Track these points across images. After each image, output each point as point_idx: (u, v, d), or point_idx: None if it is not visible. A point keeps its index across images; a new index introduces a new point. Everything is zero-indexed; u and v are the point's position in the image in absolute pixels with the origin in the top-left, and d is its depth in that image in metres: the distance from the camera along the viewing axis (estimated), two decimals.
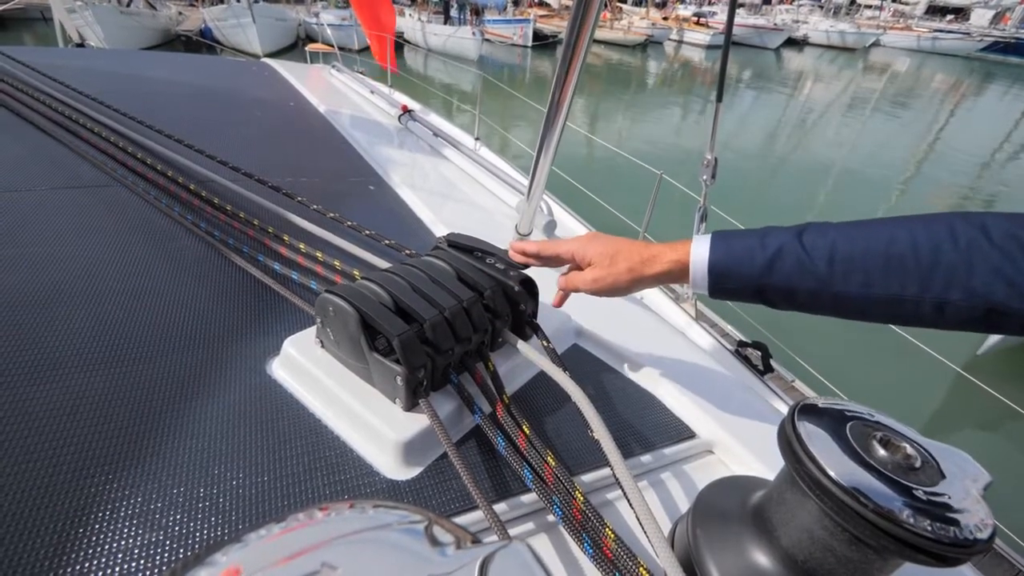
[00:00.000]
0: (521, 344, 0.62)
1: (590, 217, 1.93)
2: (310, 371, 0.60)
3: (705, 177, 1.75)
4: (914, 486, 0.32)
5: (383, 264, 0.80)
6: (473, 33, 15.14)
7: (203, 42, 12.97)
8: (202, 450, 0.52)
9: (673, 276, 0.51)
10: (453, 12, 17.41)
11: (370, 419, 0.54)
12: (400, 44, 13.81)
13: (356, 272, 0.78)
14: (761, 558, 0.39)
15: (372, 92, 2.13)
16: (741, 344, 0.99)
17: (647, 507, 0.43)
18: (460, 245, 0.68)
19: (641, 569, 0.42)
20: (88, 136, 1.17)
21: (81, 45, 3.84)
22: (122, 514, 0.45)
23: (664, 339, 0.86)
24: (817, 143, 9.99)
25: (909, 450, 0.34)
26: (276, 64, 2.50)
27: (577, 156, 6.86)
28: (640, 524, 0.43)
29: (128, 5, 13.30)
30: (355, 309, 0.54)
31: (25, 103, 1.31)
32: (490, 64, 15.03)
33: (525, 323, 0.66)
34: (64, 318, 0.66)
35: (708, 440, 0.65)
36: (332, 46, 4.90)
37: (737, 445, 0.63)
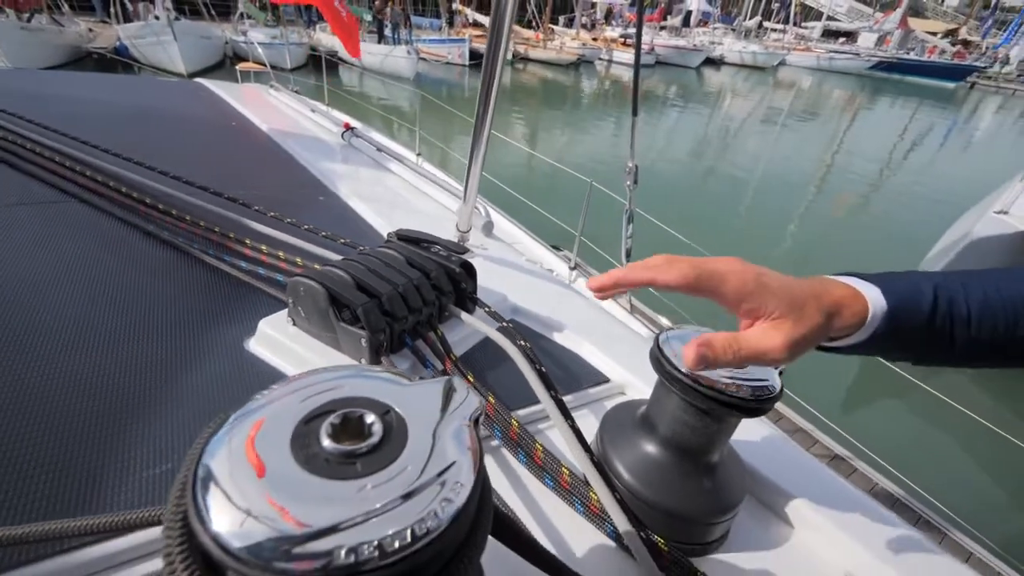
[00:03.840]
0: (464, 315, 0.74)
1: (528, 223, 2.04)
2: (285, 344, 0.70)
3: (629, 182, 1.92)
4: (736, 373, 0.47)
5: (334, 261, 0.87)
6: (408, 52, 15.22)
7: (119, 60, 12.21)
8: (191, 418, 0.58)
9: (850, 330, 0.40)
10: (387, 31, 17.43)
11: None
12: (334, 63, 13.62)
13: (317, 266, 0.83)
14: (648, 446, 0.53)
15: (313, 111, 2.15)
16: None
17: (568, 427, 0.53)
18: (408, 237, 0.81)
19: (563, 469, 0.55)
20: (30, 156, 1.15)
21: None
22: (120, 484, 0.50)
23: (591, 315, 0.98)
24: (738, 152, 10.83)
25: None
26: (210, 84, 2.46)
27: (517, 169, 7.06)
28: (564, 442, 0.53)
29: (29, 20, 12.31)
30: (323, 287, 0.64)
31: None
32: (428, 82, 15.14)
33: (467, 298, 0.78)
34: (44, 314, 0.70)
35: (619, 383, 0.79)
36: (264, 64, 4.80)
37: (643, 385, 0.76)
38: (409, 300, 0.68)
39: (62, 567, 0.42)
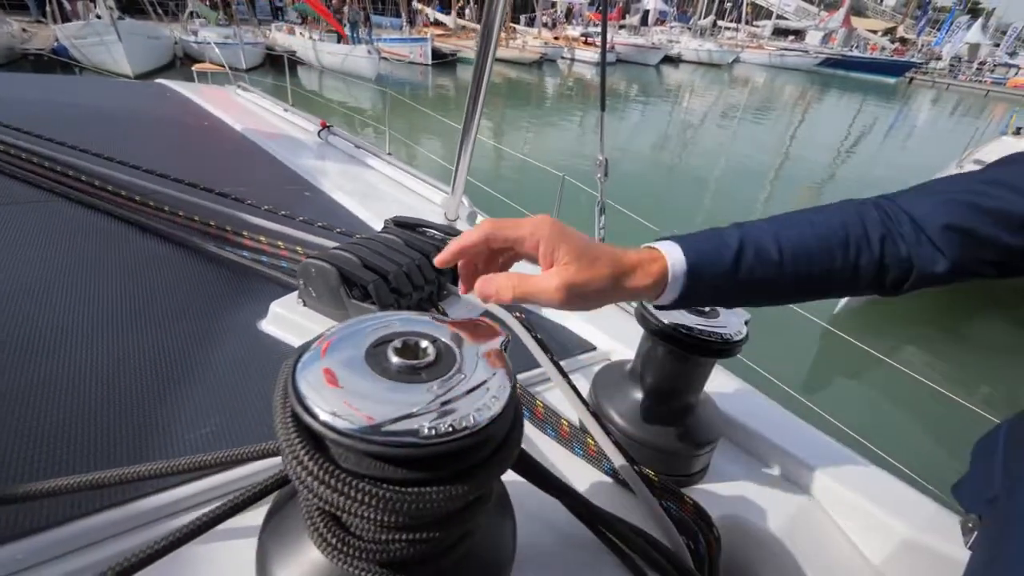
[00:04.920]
0: (462, 292, 0.77)
1: (501, 216, 2.08)
2: (296, 322, 0.74)
3: (599, 175, 2.00)
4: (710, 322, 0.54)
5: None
6: (369, 52, 15.00)
7: (58, 60, 11.56)
8: (221, 387, 0.63)
9: (647, 291, 0.43)
10: (347, 31, 17.12)
11: None
12: (293, 63, 13.32)
13: (310, 255, 0.86)
14: (636, 393, 0.60)
15: (285, 110, 2.14)
16: None
17: (567, 384, 0.57)
18: (403, 223, 0.85)
19: (563, 421, 0.60)
20: (8, 159, 1.13)
21: None
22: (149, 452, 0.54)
23: None
24: (699, 147, 11.19)
25: None
26: (175, 85, 2.40)
27: (487, 165, 7.11)
28: (563, 398, 0.58)
29: None
30: (335, 267, 0.68)
31: None
32: (390, 82, 14.98)
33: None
34: (59, 304, 0.73)
35: (605, 350, 0.85)
36: (222, 65, 4.66)
37: (625, 350, 0.83)
38: (413, 278, 0.73)
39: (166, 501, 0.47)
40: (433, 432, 0.25)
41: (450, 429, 0.26)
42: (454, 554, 0.32)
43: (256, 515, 0.39)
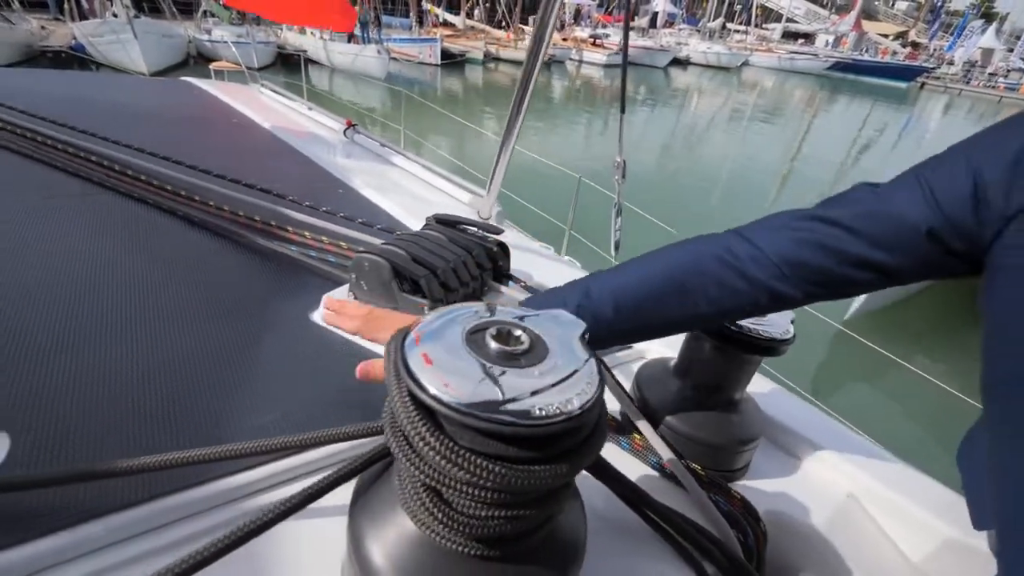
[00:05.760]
0: (504, 289, 0.79)
1: (517, 219, 2.10)
2: None
3: (617, 177, 2.00)
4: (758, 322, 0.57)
5: (380, 243, 0.92)
6: (379, 52, 15.08)
7: (75, 57, 11.72)
8: (282, 375, 0.66)
9: None
10: (357, 31, 17.22)
11: None
12: (305, 62, 13.42)
13: (362, 250, 0.89)
14: (682, 389, 0.62)
15: (310, 108, 2.17)
16: None
17: (613, 380, 0.60)
18: (445, 221, 0.87)
19: (608, 415, 0.61)
20: (56, 155, 1.17)
21: None
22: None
23: None
24: (707, 150, 11.16)
25: None
26: (201, 83, 2.44)
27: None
28: (608, 393, 0.59)
29: None
30: (388, 262, 0.70)
31: None
32: (400, 82, 15.05)
33: (503, 275, 0.83)
34: (120, 293, 0.76)
35: (640, 348, 0.87)
36: (239, 64, 4.72)
37: (661, 348, 0.84)
38: (459, 274, 0.76)
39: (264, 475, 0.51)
40: (544, 413, 0.27)
41: (558, 411, 0.27)
42: (541, 532, 0.34)
43: (334, 495, 0.41)
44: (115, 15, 12.39)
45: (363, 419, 0.61)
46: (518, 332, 0.33)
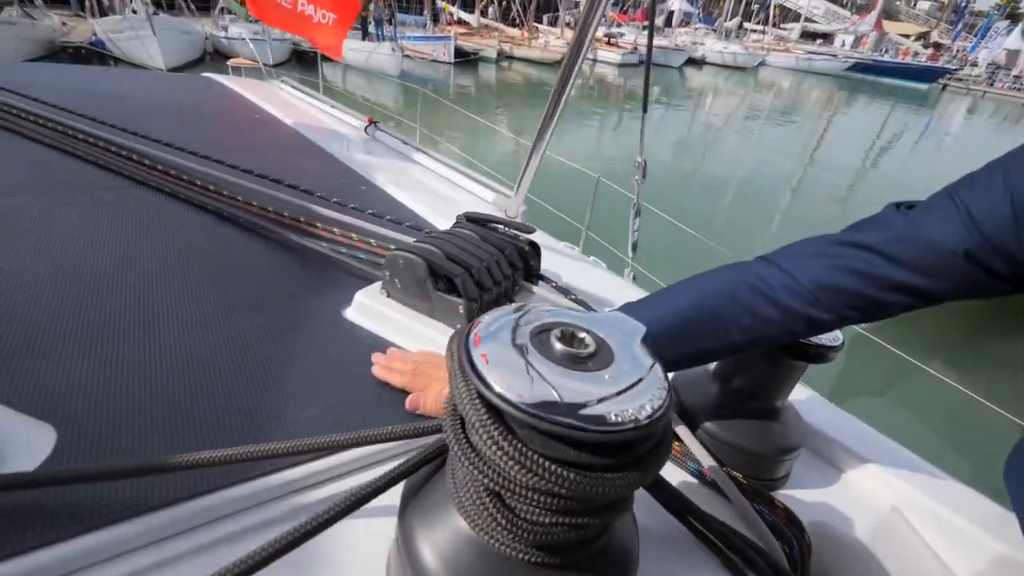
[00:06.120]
0: (536, 289, 0.79)
1: (534, 218, 2.09)
2: (381, 312, 0.76)
3: (637, 177, 1.97)
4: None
5: (410, 240, 0.92)
6: (393, 50, 15.13)
7: (95, 53, 11.90)
8: (319, 372, 0.65)
9: None
10: (371, 28, 17.28)
11: (441, 340, 0.70)
12: (320, 59, 13.48)
13: (391, 247, 0.90)
14: (722, 395, 0.61)
15: (332, 106, 2.18)
16: None
17: None
18: (476, 219, 0.86)
19: None
20: (85, 149, 1.18)
21: None
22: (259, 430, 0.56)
23: (633, 294, 1.04)
24: (721, 151, 11.04)
25: None
26: (222, 79, 2.45)
27: (518, 164, 7.11)
28: None
29: None
30: (423, 259, 0.71)
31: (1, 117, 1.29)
32: (413, 80, 15.10)
33: (533, 275, 0.83)
34: (153, 287, 0.76)
35: None
36: (255, 60, 4.75)
37: None
38: (493, 273, 0.75)
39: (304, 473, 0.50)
40: (620, 420, 0.26)
41: (633, 418, 0.27)
42: (599, 541, 0.33)
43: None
44: (134, 11, 12.57)
45: (400, 417, 0.60)
46: (582, 335, 0.32)
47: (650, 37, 1.61)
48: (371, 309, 0.77)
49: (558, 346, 0.30)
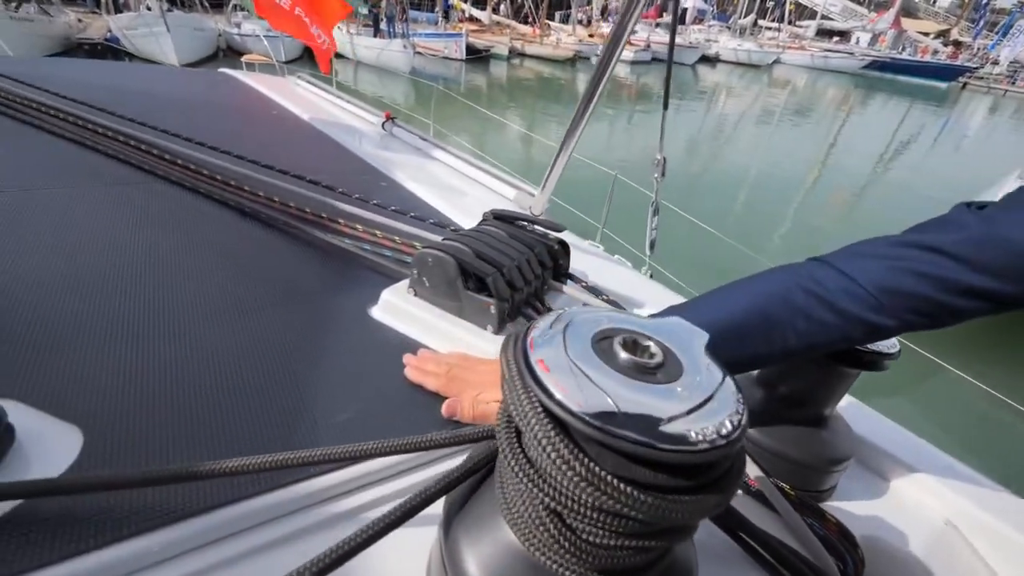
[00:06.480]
0: (566, 288, 0.78)
1: (552, 216, 2.06)
2: (408, 311, 0.74)
3: (656, 175, 1.93)
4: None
5: (435, 238, 0.90)
6: (404, 47, 15.15)
7: (110, 49, 12.05)
8: (339, 380, 0.62)
9: None
10: (382, 25, 17.31)
11: (471, 341, 0.69)
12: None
13: (416, 244, 0.87)
14: (769, 402, 0.58)
15: (348, 102, 2.17)
16: None
17: None
18: (503, 217, 0.84)
19: None
20: (105, 143, 1.18)
21: None
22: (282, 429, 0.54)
23: (659, 293, 1.01)
24: (734, 149, 10.91)
25: None
26: (238, 74, 2.45)
27: (531, 161, 7.09)
28: None
29: (17, 9, 12.09)
30: (454, 258, 0.68)
31: (20, 110, 1.30)
32: (423, 77, 15.10)
33: (562, 274, 0.81)
34: (176, 284, 0.75)
35: None
36: (270, 57, 4.77)
37: None
38: (524, 272, 0.72)
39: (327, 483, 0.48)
40: (702, 438, 0.24)
41: (715, 436, 0.24)
42: (662, 563, 0.30)
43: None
44: (149, 8, 12.70)
45: (433, 421, 0.57)
46: (647, 343, 0.29)
47: (672, 31, 1.57)
48: (398, 308, 0.75)
49: (623, 355, 0.27)
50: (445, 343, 0.71)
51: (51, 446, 0.47)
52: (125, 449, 0.48)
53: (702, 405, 0.25)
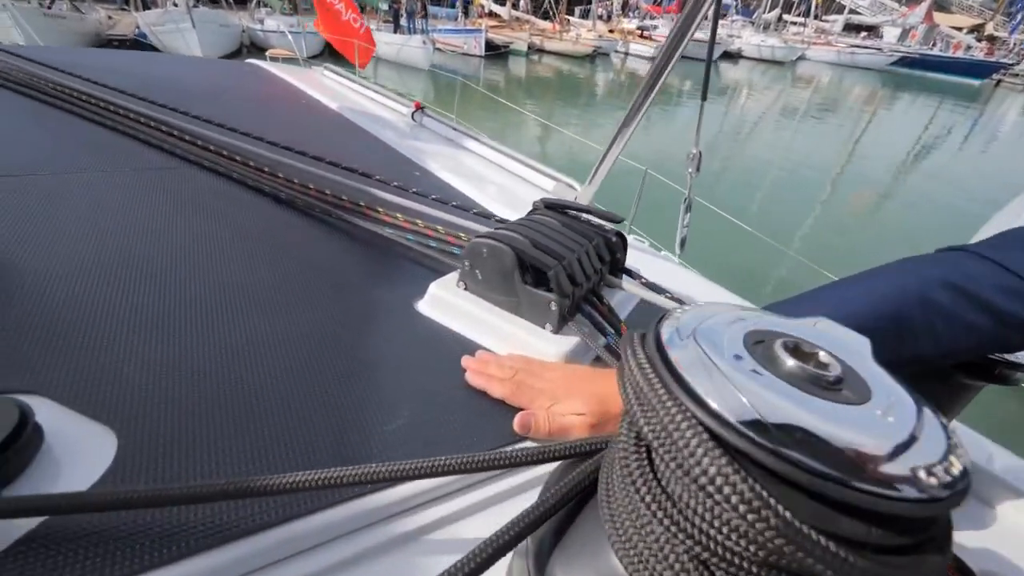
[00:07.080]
0: (625, 283, 0.75)
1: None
2: (460, 307, 0.69)
3: (691, 170, 1.86)
4: None
5: (481, 229, 0.85)
6: (423, 43, 15.16)
7: (138, 43, 12.29)
8: (389, 380, 0.58)
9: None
10: (403, 21, 17.35)
11: (529, 340, 0.64)
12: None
13: (461, 235, 0.83)
14: None
15: (376, 92, 2.15)
16: None
17: None
18: (555, 206, 0.78)
19: None
20: (141, 129, 1.17)
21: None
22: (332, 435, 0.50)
23: (706, 289, 0.99)
24: (757, 146, 10.67)
25: None
26: (267, 65, 2.45)
27: (547, 155, 7.01)
28: None
29: (50, 7, 12.42)
30: (512, 248, 0.63)
31: (55, 96, 1.30)
32: (443, 73, 15.10)
33: (618, 269, 0.76)
34: (214, 271, 0.72)
35: None
36: (293, 52, 4.81)
37: None
38: (584, 266, 0.66)
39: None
40: (935, 482, 0.17)
41: (948, 479, 0.18)
42: None
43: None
44: (175, 4, 12.92)
45: (499, 431, 0.53)
46: (815, 350, 0.22)
47: (715, 19, 1.49)
48: (447, 303, 0.70)
49: (790, 362, 0.21)
50: (499, 342, 0.66)
51: (83, 449, 0.43)
52: (162, 455, 0.44)
53: (915, 437, 0.19)
